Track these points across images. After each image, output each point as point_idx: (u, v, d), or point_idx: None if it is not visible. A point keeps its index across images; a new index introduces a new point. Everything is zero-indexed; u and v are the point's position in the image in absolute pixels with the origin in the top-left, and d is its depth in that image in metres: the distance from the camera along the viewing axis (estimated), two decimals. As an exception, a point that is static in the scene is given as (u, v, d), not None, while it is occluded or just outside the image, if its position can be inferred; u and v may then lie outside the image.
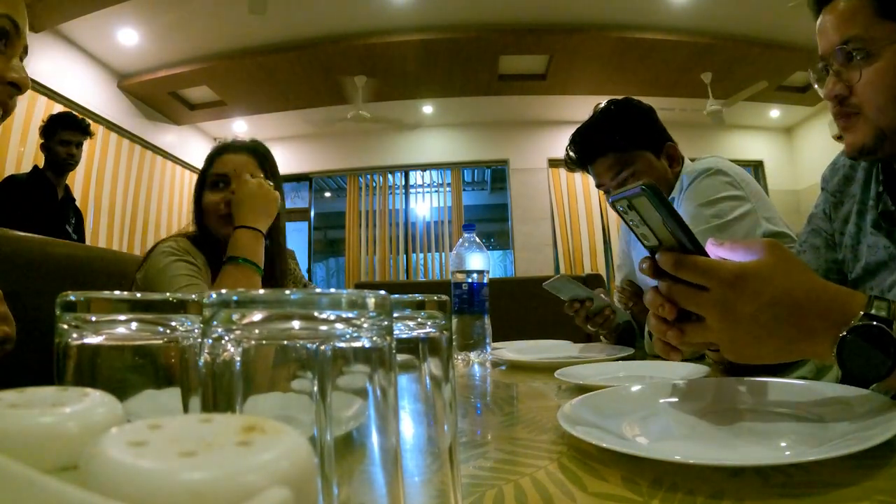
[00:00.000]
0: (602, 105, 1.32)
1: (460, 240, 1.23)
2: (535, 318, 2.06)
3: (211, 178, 1.27)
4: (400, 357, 0.30)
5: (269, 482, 0.14)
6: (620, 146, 1.24)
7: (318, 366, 0.21)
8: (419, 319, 0.29)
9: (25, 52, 0.74)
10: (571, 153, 1.32)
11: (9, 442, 0.18)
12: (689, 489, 0.39)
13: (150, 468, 0.14)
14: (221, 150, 1.32)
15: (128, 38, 4.05)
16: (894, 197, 0.80)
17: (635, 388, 0.64)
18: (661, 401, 0.59)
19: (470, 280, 1.19)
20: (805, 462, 0.39)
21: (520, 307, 2.13)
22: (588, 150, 1.28)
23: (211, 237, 1.26)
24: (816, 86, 0.80)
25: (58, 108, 3.96)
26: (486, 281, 1.21)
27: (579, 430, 0.48)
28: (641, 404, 0.58)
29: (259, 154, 1.33)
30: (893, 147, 0.75)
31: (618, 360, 1.04)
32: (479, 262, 1.21)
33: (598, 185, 1.32)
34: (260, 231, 1.17)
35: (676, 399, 0.60)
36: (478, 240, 1.23)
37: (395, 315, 0.29)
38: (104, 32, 3.92)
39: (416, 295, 0.29)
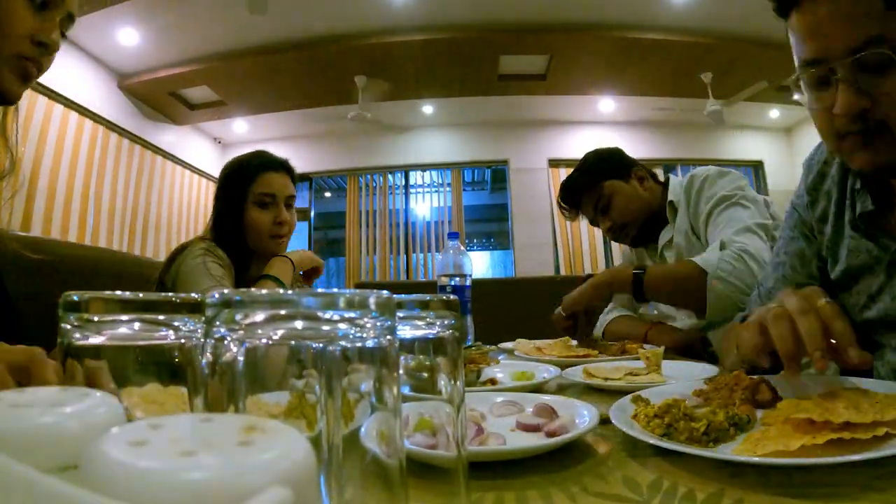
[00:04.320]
0: None
1: (445, 247, 1.35)
2: (536, 318, 2.06)
3: (257, 198, 1.38)
4: (409, 356, 0.30)
5: (269, 481, 0.14)
6: (588, 185, 1.50)
7: (325, 366, 0.21)
8: (428, 319, 0.29)
9: (71, 19, 0.77)
10: (564, 209, 1.57)
11: (9, 442, 0.18)
12: (689, 489, 0.39)
13: (150, 468, 0.14)
14: (263, 168, 1.43)
15: (128, 38, 4.04)
16: (874, 195, 0.73)
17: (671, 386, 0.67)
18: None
19: (454, 283, 1.31)
20: (805, 464, 0.39)
21: (520, 307, 2.13)
22: (570, 201, 1.54)
23: (233, 248, 1.38)
24: (808, 97, 0.69)
25: (58, 109, 3.96)
26: (468, 284, 1.33)
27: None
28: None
29: (292, 173, 1.49)
30: None
31: (620, 360, 1.04)
32: (462, 267, 1.33)
33: (592, 223, 1.56)
34: (292, 262, 1.40)
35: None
36: (461, 247, 1.36)
37: (404, 314, 0.29)
38: (104, 32, 3.91)
39: (426, 295, 0.29)
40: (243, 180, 1.40)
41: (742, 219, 1.23)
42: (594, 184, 1.49)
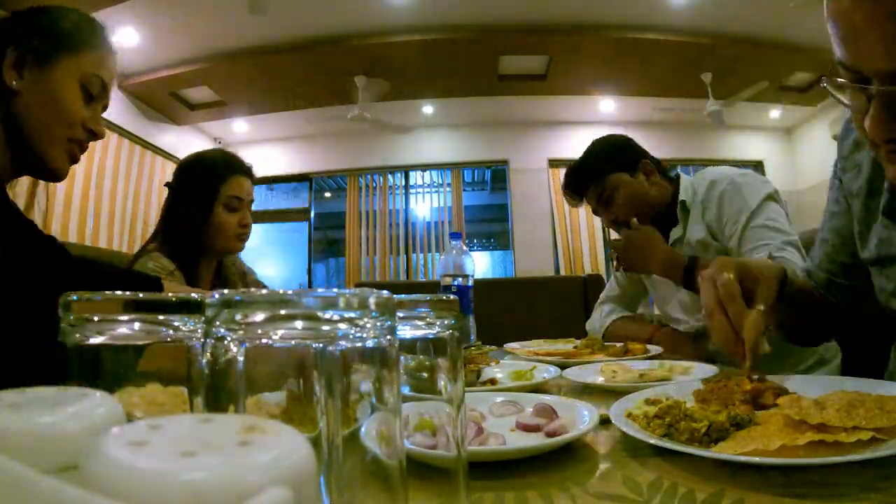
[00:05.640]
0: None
1: (448, 247, 1.35)
2: (536, 317, 2.06)
3: (227, 200, 1.39)
4: (409, 356, 0.30)
5: (269, 482, 0.14)
6: (592, 175, 1.46)
7: (325, 366, 0.21)
8: (428, 319, 0.29)
9: (105, 108, 0.92)
10: (568, 195, 1.55)
11: (9, 442, 0.18)
12: (689, 489, 0.39)
13: (150, 468, 0.14)
14: (233, 171, 1.43)
15: (128, 38, 4.04)
16: None
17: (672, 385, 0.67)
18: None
19: (457, 283, 1.31)
20: (805, 464, 0.39)
21: (520, 307, 2.13)
22: (575, 188, 1.51)
23: (188, 249, 1.36)
24: (841, 99, 0.58)
25: (58, 108, 3.96)
26: (470, 284, 1.33)
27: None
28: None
29: (253, 178, 1.49)
30: None
31: (619, 360, 1.04)
32: (465, 267, 1.33)
33: (594, 212, 1.53)
34: None
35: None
36: (464, 247, 1.36)
37: (404, 315, 0.29)
38: (104, 32, 3.92)
39: (426, 295, 0.29)
40: (213, 180, 1.39)
41: (777, 235, 1.22)
42: (599, 175, 1.45)
